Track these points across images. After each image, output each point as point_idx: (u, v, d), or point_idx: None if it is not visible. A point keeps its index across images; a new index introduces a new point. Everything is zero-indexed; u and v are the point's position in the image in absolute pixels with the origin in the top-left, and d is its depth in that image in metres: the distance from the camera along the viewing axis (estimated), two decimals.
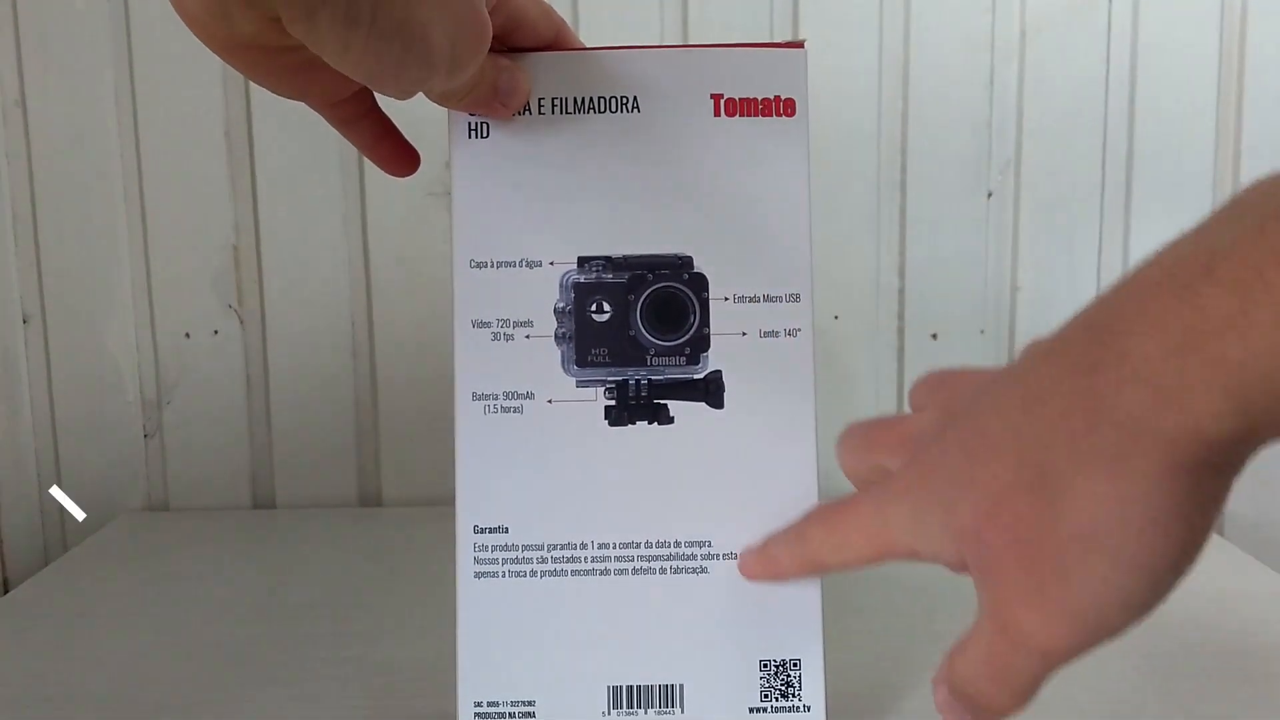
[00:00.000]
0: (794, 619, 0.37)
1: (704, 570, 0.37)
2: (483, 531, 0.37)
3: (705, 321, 0.37)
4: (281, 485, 0.72)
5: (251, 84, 0.65)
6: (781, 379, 0.37)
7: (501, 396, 0.37)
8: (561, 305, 0.37)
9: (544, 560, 0.37)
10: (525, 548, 0.37)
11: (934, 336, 0.71)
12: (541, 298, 0.37)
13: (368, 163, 0.68)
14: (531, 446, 0.37)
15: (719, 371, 0.37)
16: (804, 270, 0.37)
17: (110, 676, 0.46)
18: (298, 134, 0.68)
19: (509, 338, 0.37)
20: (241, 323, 0.71)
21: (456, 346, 0.37)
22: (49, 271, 0.70)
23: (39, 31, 0.68)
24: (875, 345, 0.72)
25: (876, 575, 0.56)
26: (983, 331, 0.71)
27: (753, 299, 0.37)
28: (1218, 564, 0.58)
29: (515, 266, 0.37)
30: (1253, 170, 0.69)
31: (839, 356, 0.71)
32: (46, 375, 0.71)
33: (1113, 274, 0.71)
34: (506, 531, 0.37)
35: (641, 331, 0.37)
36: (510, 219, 0.37)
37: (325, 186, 0.70)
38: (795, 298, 0.37)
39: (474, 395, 0.37)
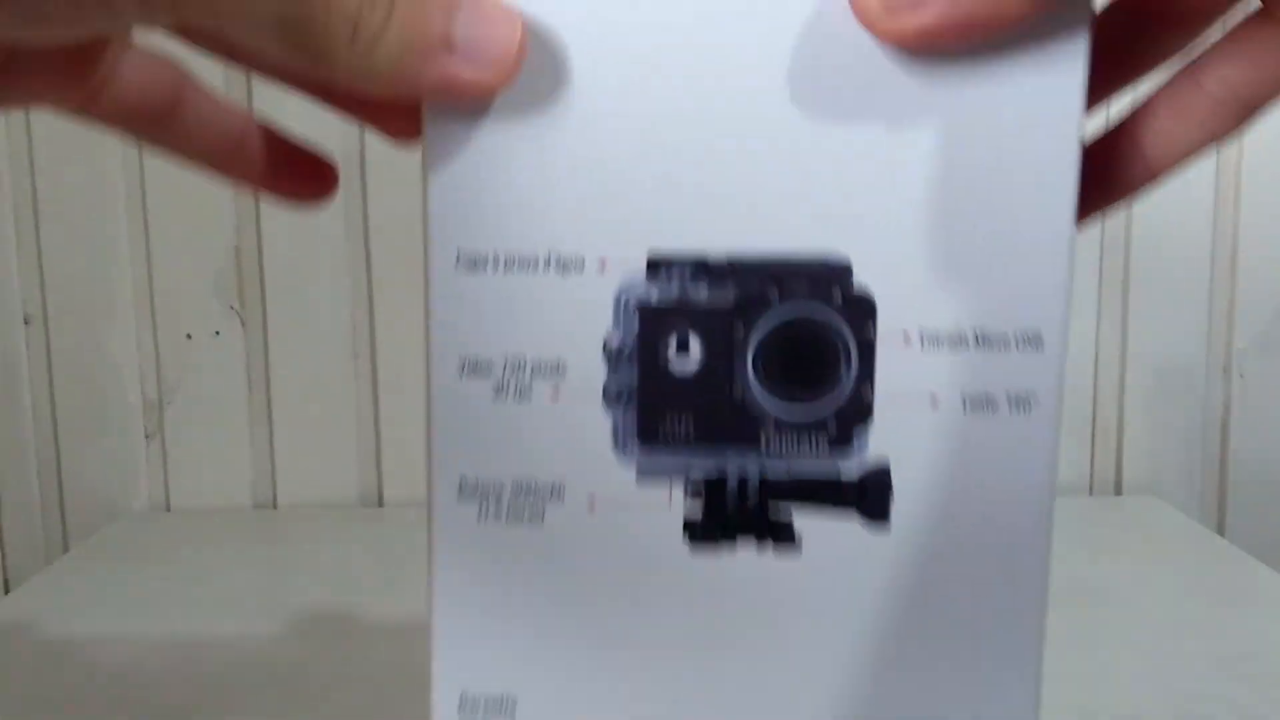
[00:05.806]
0: None
1: None
2: (474, 710, 0.24)
3: (867, 376, 0.22)
4: (282, 485, 0.72)
5: (253, 84, 0.66)
6: (996, 488, 0.22)
7: (509, 492, 0.23)
8: (617, 341, 0.22)
9: None
10: None
11: None
12: (580, 324, 0.22)
13: (368, 163, 0.69)
14: (558, 579, 0.23)
15: (885, 465, 0.22)
16: (1056, 291, 0.21)
17: (111, 677, 0.46)
18: (298, 134, 0.68)
19: (522, 393, 0.22)
20: (243, 324, 0.71)
21: (432, 404, 0.23)
22: (50, 272, 0.70)
23: None
24: None
25: None
26: None
27: (957, 339, 0.22)
28: (1218, 564, 0.59)
29: (535, 268, 0.22)
30: (1254, 168, 0.69)
31: None
32: (48, 376, 0.71)
33: (1114, 274, 0.71)
34: (513, 710, 0.24)
35: (756, 390, 0.22)
36: (524, 189, 0.22)
37: None
38: (1034, 340, 0.22)
39: (461, 489, 0.23)
